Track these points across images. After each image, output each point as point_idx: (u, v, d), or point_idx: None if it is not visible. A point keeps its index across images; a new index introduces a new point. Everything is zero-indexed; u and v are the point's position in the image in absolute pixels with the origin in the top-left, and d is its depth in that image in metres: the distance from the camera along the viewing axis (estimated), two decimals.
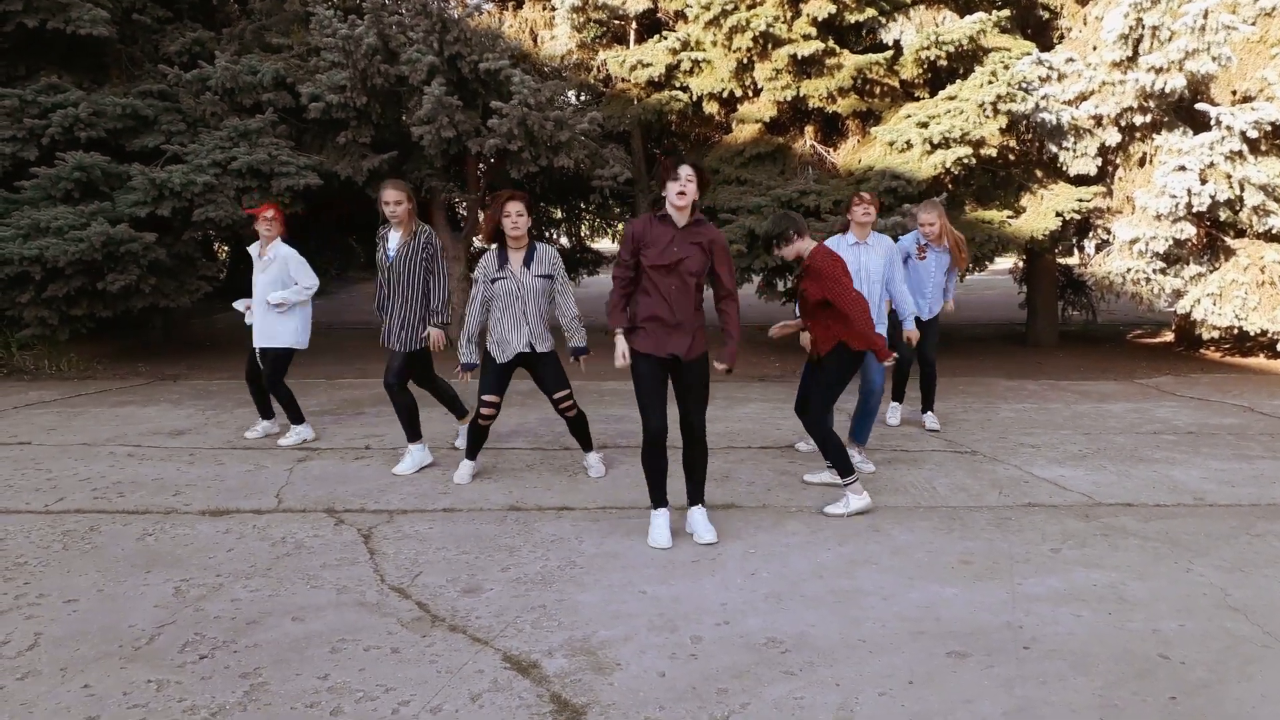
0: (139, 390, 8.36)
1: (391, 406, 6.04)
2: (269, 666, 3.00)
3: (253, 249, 6.16)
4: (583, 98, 11.68)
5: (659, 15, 11.01)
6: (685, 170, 4.14)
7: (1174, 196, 8.71)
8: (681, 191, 4.11)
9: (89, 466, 5.53)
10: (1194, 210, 8.78)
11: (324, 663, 3.03)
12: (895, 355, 4.80)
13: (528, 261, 5.02)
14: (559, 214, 16.00)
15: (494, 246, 5.08)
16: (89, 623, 3.33)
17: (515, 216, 4.88)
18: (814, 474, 5.27)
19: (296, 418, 6.19)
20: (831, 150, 10.53)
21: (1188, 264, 9.38)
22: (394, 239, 5.42)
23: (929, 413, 6.79)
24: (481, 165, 11.33)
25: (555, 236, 16.37)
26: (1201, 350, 10.86)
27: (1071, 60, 9.50)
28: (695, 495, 4.38)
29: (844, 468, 4.61)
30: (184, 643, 3.17)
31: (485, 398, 5.09)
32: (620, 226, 17.81)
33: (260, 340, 6.08)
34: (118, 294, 9.07)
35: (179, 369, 9.67)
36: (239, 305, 6.20)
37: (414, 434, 5.52)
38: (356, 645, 3.16)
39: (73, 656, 3.07)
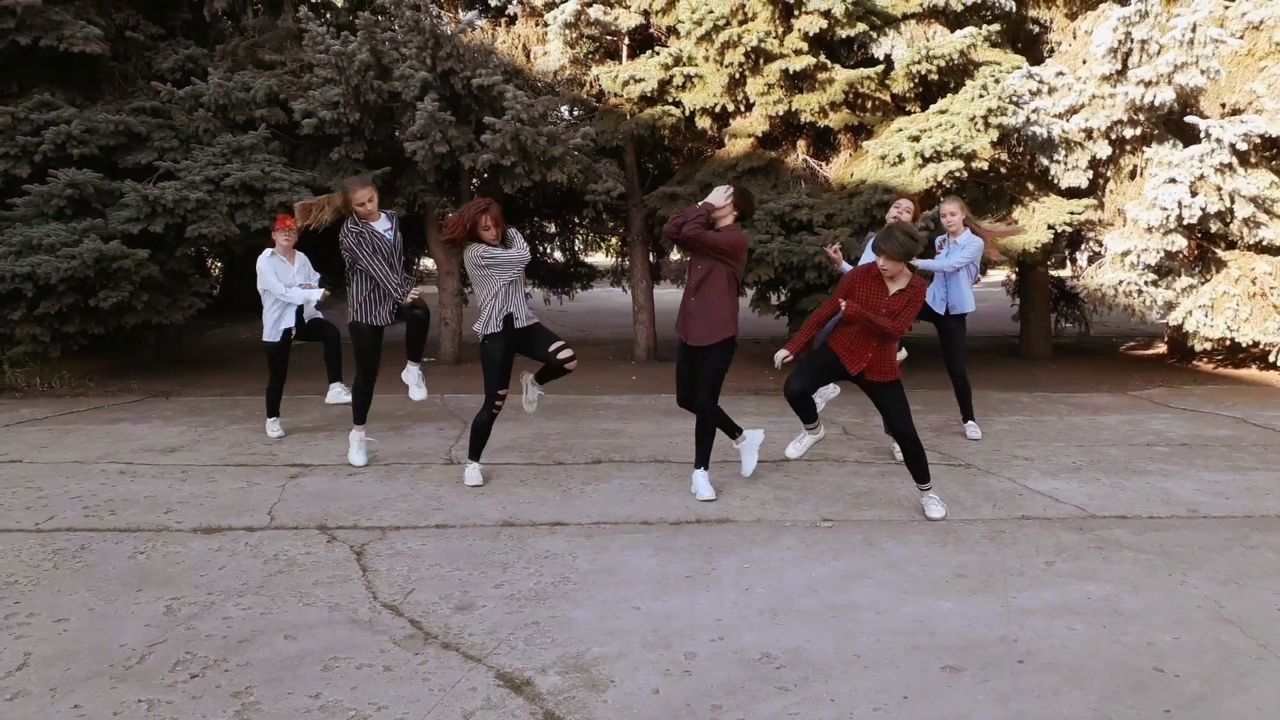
0: (131, 407, 8.33)
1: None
2: (260, 685, 2.98)
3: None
4: (576, 113, 11.69)
5: (651, 31, 11.04)
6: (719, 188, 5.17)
7: (1165, 209, 8.74)
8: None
9: (80, 484, 5.51)
10: (1185, 222, 8.82)
11: (316, 681, 3.01)
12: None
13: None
14: (553, 229, 16.01)
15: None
16: (79, 642, 3.31)
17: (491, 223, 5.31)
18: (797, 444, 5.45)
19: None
20: (824, 164, 10.57)
21: (1179, 276, 9.41)
22: (383, 223, 5.79)
23: (969, 422, 6.91)
24: (475, 180, 11.34)
25: (549, 251, 16.37)
26: (1194, 362, 10.88)
27: (1061, 74, 9.56)
28: (701, 460, 5.28)
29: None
30: (175, 662, 3.15)
31: (501, 391, 5.46)
32: (614, 240, 17.83)
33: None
34: (110, 311, 9.04)
35: (172, 386, 9.64)
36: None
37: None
38: (349, 663, 3.14)
39: (63, 676, 3.05)
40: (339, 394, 6.78)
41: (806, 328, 4.98)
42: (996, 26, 9.59)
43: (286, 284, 6.77)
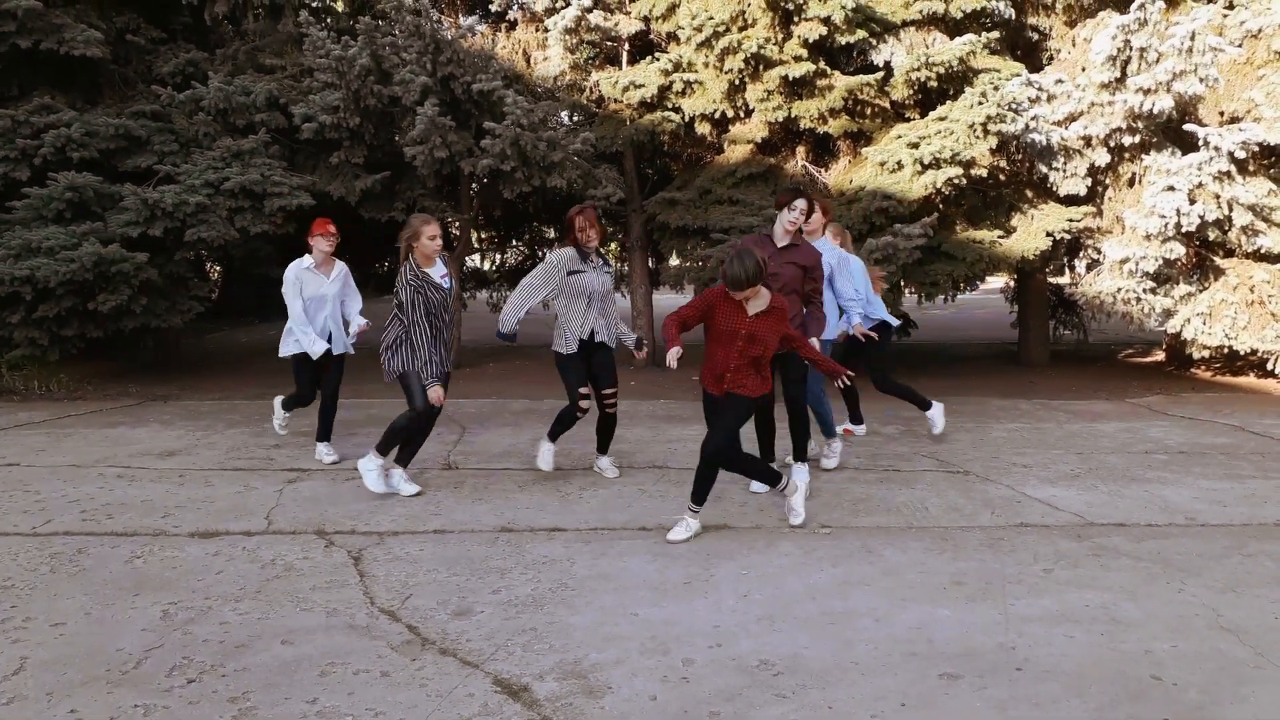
0: (129, 411, 8.33)
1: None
2: (257, 690, 2.98)
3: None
4: (575, 118, 11.71)
5: (651, 37, 11.07)
6: (800, 202, 5.22)
7: (1163, 216, 8.76)
8: (794, 220, 5.21)
9: (78, 488, 5.50)
10: (1183, 230, 8.83)
11: (313, 686, 3.01)
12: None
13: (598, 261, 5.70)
14: (552, 233, 16.03)
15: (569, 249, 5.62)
16: (76, 646, 3.30)
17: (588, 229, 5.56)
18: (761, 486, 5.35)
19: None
20: (823, 170, 10.58)
21: (1177, 283, 9.42)
22: (439, 269, 5.38)
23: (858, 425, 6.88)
24: (474, 185, 11.35)
25: (548, 256, 16.39)
26: (1192, 369, 10.89)
27: (1061, 81, 9.57)
28: (798, 452, 5.45)
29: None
30: (172, 666, 3.15)
31: (582, 390, 5.58)
32: (613, 246, 17.86)
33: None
34: (109, 314, 9.04)
35: (170, 390, 9.64)
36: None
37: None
38: (346, 669, 3.14)
39: (59, 681, 3.04)
40: (325, 454, 6.23)
41: (673, 327, 4.62)
42: (996, 34, 9.61)
43: (317, 295, 6.06)
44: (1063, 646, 3.32)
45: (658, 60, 10.25)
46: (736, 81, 9.81)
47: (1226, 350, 9.53)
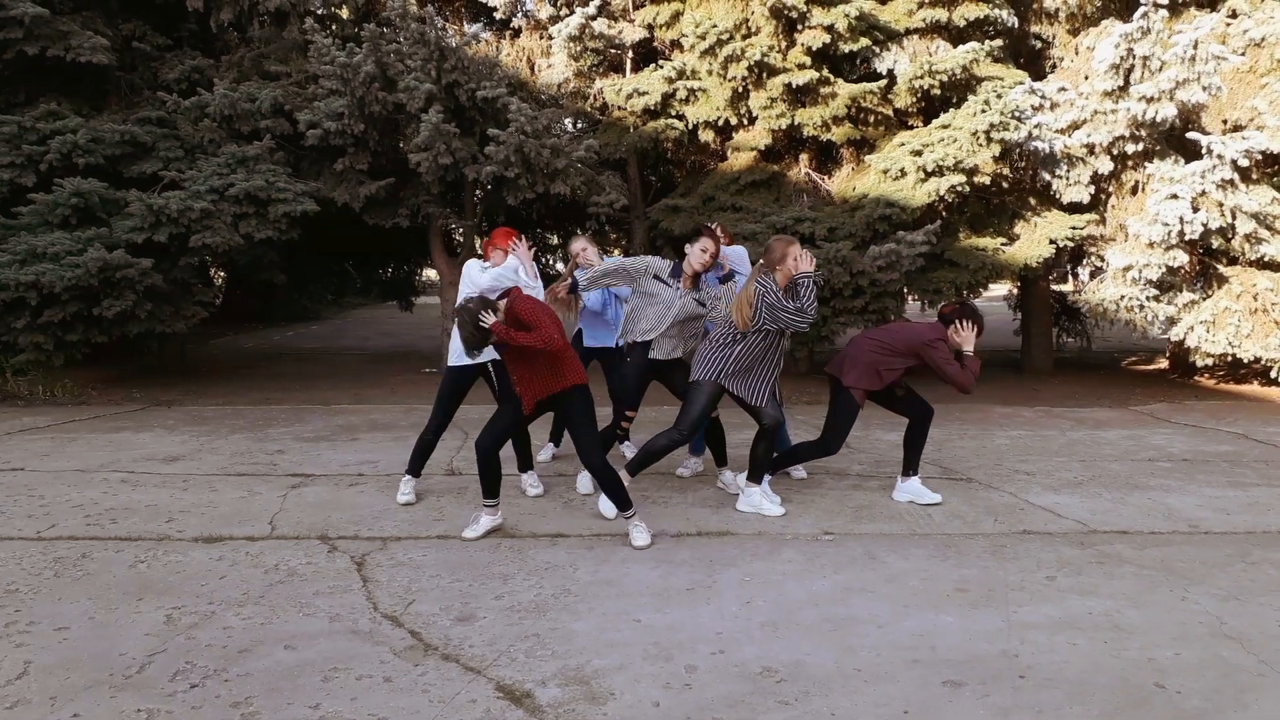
0: (133, 416, 8.34)
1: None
2: (260, 696, 2.98)
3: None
4: (579, 125, 11.75)
5: (655, 45, 11.11)
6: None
7: (1166, 224, 8.77)
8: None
9: (82, 492, 5.51)
10: (1186, 238, 8.84)
11: (316, 692, 3.01)
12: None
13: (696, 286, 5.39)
14: (555, 240, 16.08)
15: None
16: (79, 651, 3.31)
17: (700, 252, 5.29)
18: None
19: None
20: (826, 178, 10.61)
21: (1181, 291, 9.43)
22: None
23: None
24: (478, 192, 11.39)
25: (551, 262, 16.45)
26: (1196, 377, 10.88)
27: (1064, 89, 9.60)
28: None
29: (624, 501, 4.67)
30: (175, 671, 3.15)
31: (629, 412, 5.69)
32: (616, 253, 17.90)
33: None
34: (114, 319, 9.07)
35: (174, 395, 9.66)
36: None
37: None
38: (349, 674, 3.14)
39: (63, 685, 3.05)
40: (531, 484, 5.60)
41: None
42: (999, 42, 9.64)
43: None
44: (1066, 654, 3.32)
45: (661, 68, 10.28)
46: (740, 89, 9.85)
47: (1230, 358, 9.54)
